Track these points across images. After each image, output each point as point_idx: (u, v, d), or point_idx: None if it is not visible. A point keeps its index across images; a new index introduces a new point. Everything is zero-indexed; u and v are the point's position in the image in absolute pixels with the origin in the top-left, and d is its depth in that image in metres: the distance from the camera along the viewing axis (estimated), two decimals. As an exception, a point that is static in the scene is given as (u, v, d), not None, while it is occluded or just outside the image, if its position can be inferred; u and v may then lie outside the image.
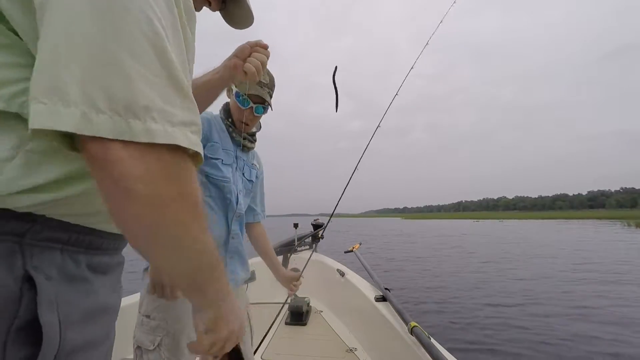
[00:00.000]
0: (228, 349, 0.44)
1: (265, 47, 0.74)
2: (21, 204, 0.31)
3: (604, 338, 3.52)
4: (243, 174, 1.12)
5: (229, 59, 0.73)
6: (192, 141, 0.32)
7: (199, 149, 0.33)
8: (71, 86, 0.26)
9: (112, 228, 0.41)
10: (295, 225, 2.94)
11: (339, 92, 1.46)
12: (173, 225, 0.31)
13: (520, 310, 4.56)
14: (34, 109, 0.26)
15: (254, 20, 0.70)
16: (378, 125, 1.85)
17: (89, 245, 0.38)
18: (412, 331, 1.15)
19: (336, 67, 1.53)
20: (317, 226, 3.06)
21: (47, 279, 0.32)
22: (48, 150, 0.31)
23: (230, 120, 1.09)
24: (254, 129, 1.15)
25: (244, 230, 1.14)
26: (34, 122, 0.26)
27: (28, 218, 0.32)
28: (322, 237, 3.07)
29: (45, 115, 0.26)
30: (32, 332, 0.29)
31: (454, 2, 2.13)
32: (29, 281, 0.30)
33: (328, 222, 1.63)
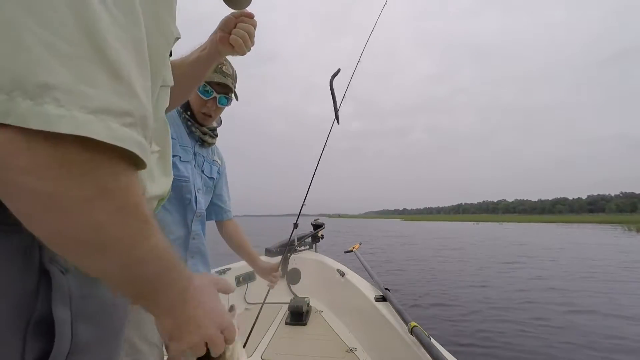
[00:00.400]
0: (214, 351, 0.38)
1: (251, 17, 0.68)
2: None
3: (602, 339, 3.52)
4: (202, 171, 1.07)
5: (215, 33, 0.68)
6: (118, 135, 0.24)
7: (135, 147, 0.25)
8: None
9: None
10: (295, 226, 2.94)
11: (337, 100, 1.34)
12: (90, 232, 0.25)
13: (520, 310, 4.57)
14: None
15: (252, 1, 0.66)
16: (343, 96, 1.84)
17: None
18: (412, 331, 1.15)
19: (338, 70, 1.45)
20: (317, 226, 3.06)
21: (64, 272, 0.31)
22: None
23: (189, 113, 1.02)
24: (214, 124, 1.09)
25: (205, 229, 1.09)
26: None
27: None
28: (322, 237, 3.07)
29: None
30: (48, 326, 0.29)
31: None
32: (46, 274, 0.29)
33: (296, 221, 1.61)
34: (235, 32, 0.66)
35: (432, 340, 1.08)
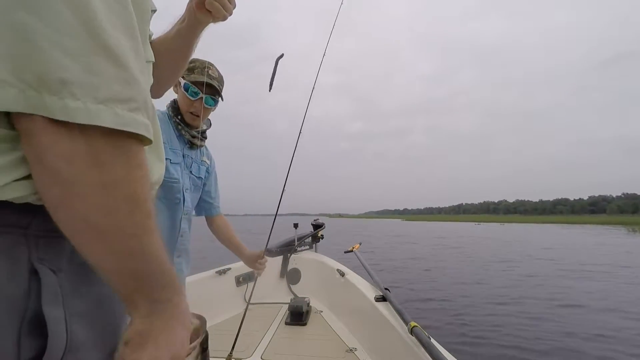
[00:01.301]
0: None
1: None
2: (9, 196, 0.28)
3: (604, 340, 3.52)
4: (191, 171, 1.14)
5: (190, 1, 0.62)
6: (124, 121, 0.27)
7: (141, 129, 0.28)
8: None
9: None
10: (295, 225, 2.95)
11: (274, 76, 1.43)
12: (99, 216, 0.27)
13: (520, 311, 4.58)
14: None
15: None
16: (313, 88, 1.87)
17: None
18: (412, 331, 1.16)
19: (281, 55, 1.49)
20: (317, 226, 3.06)
21: (56, 271, 0.31)
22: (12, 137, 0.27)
23: (179, 117, 1.08)
24: (204, 126, 1.15)
25: (191, 227, 1.17)
26: None
27: (28, 208, 0.30)
28: (322, 237, 3.08)
29: None
30: (42, 325, 0.29)
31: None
32: (36, 274, 0.30)
33: (274, 222, 1.63)
34: None
35: (432, 340, 1.09)
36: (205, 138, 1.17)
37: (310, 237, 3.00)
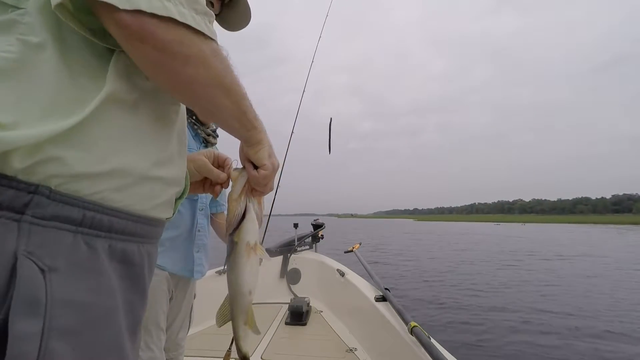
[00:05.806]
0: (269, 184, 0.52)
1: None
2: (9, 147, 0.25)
3: (603, 341, 3.55)
4: None
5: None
6: (212, 31, 0.35)
7: (216, 37, 0.37)
8: None
9: (142, 209, 0.36)
10: (295, 225, 3.02)
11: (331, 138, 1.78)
12: (219, 77, 0.36)
13: (520, 311, 4.64)
14: None
15: (250, 21, 0.75)
16: (306, 86, 1.96)
17: (110, 228, 0.32)
18: (412, 331, 1.21)
19: (331, 119, 1.88)
20: (317, 226, 3.13)
21: (47, 270, 0.26)
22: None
23: (194, 117, 1.17)
24: (213, 125, 1.25)
25: (209, 223, 1.25)
26: None
27: (26, 186, 0.26)
28: (322, 237, 3.15)
29: None
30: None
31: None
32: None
33: (267, 222, 1.70)
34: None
35: (432, 340, 1.13)
36: (217, 136, 1.28)
37: (310, 237, 3.07)
